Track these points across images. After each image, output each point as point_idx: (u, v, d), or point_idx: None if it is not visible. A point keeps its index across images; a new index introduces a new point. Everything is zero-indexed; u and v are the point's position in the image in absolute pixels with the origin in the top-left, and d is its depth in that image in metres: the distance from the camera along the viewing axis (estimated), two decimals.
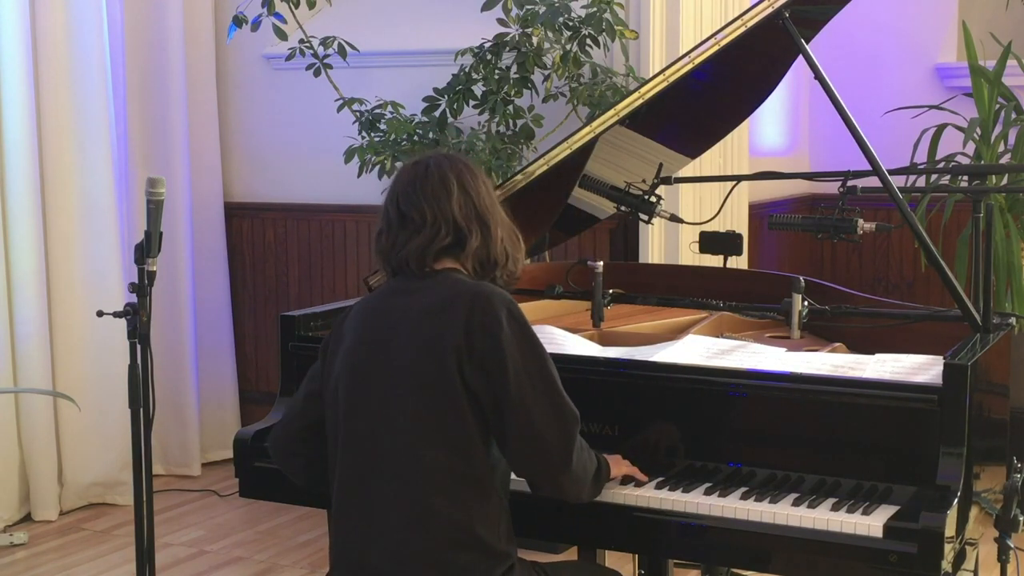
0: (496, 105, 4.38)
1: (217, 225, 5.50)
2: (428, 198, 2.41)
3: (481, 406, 2.32)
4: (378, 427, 2.36)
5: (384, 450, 2.35)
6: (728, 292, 3.24)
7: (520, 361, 2.31)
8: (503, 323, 2.31)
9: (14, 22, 4.60)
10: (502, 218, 2.48)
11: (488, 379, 2.30)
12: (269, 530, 4.68)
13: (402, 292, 2.43)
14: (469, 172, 2.46)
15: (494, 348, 2.30)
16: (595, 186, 3.27)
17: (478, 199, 2.43)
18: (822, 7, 3.00)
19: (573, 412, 2.36)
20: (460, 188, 2.42)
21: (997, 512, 2.46)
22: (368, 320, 2.45)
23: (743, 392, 2.57)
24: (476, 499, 2.32)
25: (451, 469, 2.31)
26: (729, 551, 2.48)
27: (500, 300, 2.35)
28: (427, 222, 2.40)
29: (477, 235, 2.42)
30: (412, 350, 2.35)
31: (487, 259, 2.44)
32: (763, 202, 5.34)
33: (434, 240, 2.40)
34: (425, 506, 2.30)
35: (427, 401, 2.32)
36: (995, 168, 4.29)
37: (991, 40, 5.26)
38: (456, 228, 2.41)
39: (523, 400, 2.30)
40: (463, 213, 2.41)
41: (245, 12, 4.57)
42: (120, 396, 3.35)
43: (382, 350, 2.39)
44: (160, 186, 2.81)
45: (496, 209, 2.47)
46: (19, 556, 4.45)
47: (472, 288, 2.37)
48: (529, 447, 2.32)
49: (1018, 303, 4.71)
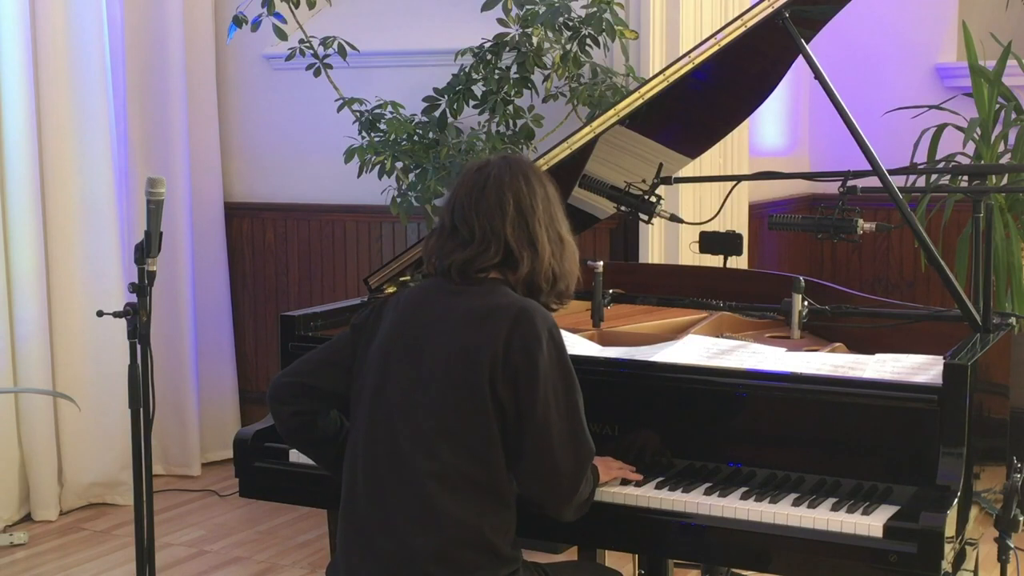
0: (496, 105, 4.38)
1: (217, 225, 5.50)
2: (482, 215, 2.41)
3: (506, 419, 2.33)
4: (399, 422, 2.37)
5: (402, 446, 2.35)
6: (728, 292, 3.24)
7: (551, 384, 2.32)
8: (543, 343, 2.32)
9: (14, 22, 4.60)
10: (556, 235, 2.46)
11: (517, 394, 2.31)
12: (269, 530, 4.68)
13: (447, 292, 2.44)
14: (529, 186, 2.44)
15: (530, 365, 2.31)
16: (595, 186, 3.27)
17: (533, 219, 2.42)
18: (822, 7, 3.00)
19: (590, 446, 2.38)
20: (516, 208, 2.42)
21: (997, 512, 2.46)
22: (408, 313, 2.45)
23: (743, 392, 2.57)
24: (490, 506, 2.33)
25: (468, 474, 2.31)
26: (729, 551, 2.48)
27: (543, 320, 2.36)
28: (476, 238, 2.41)
29: (527, 261, 2.41)
30: (448, 352, 2.35)
31: (532, 284, 2.44)
32: (763, 202, 5.34)
33: (481, 256, 2.41)
34: (438, 506, 2.30)
35: (454, 405, 2.33)
36: (995, 168, 4.28)
37: (991, 40, 5.26)
38: (507, 250, 2.41)
39: (547, 421, 2.31)
40: (515, 236, 2.41)
41: (245, 12, 4.57)
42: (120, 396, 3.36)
43: (416, 347, 2.39)
44: (160, 186, 2.81)
45: (553, 226, 2.46)
46: (19, 556, 4.44)
47: (518, 302, 2.37)
48: (541, 469, 2.34)
49: (1018, 303, 4.71)
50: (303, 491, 2.85)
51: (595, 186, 3.26)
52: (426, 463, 2.32)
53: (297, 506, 4.31)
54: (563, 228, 2.49)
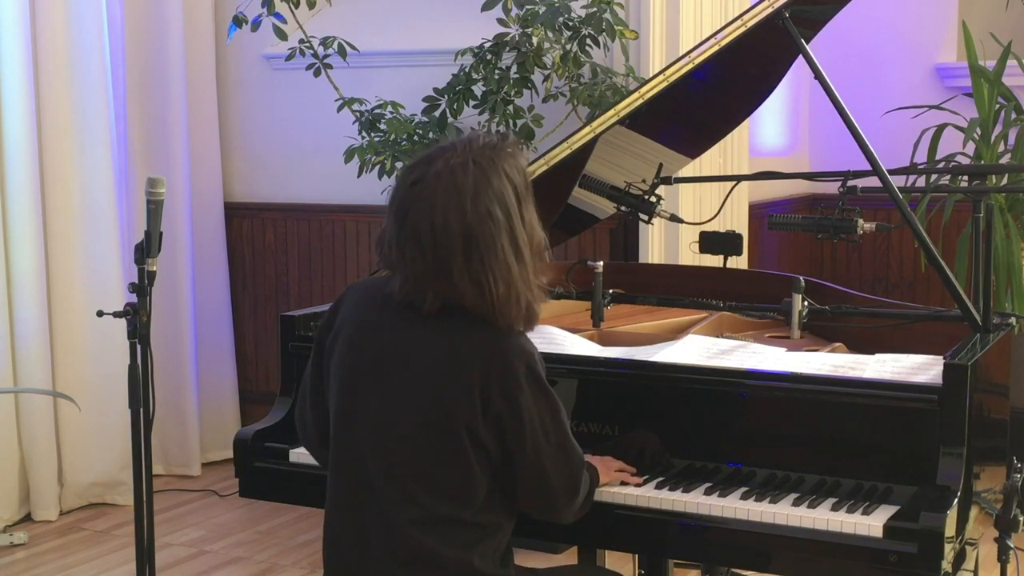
0: (496, 105, 4.38)
1: (217, 225, 5.50)
2: (438, 245, 2.19)
3: (490, 458, 2.26)
4: (372, 466, 2.27)
5: (378, 491, 2.26)
6: (728, 292, 3.24)
7: (538, 419, 2.25)
8: (523, 384, 2.22)
9: (14, 22, 4.60)
10: (513, 256, 2.21)
11: (503, 437, 2.24)
12: (269, 530, 4.68)
13: (407, 320, 2.26)
14: (490, 186, 2.20)
15: (512, 409, 2.22)
16: (595, 186, 3.26)
17: (490, 256, 2.18)
18: (822, 7, 3.00)
19: (579, 454, 2.36)
20: (466, 239, 2.18)
21: (997, 512, 2.46)
22: (368, 339, 2.31)
23: (743, 392, 2.57)
24: (479, 537, 2.28)
25: (450, 515, 2.24)
26: (729, 551, 2.48)
27: (519, 357, 2.22)
28: (427, 265, 2.20)
29: (497, 287, 2.19)
30: (419, 397, 2.24)
31: (493, 312, 2.21)
32: (763, 202, 5.34)
33: (432, 286, 2.21)
34: (421, 547, 2.23)
35: (429, 453, 2.24)
36: (995, 168, 4.28)
37: (991, 40, 5.25)
38: (454, 289, 2.20)
39: (538, 455, 2.27)
40: (464, 271, 2.18)
41: (245, 12, 4.57)
42: (120, 396, 3.36)
43: (382, 385, 2.27)
44: (160, 186, 2.81)
45: (513, 245, 2.21)
46: (19, 556, 4.44)
47: (487, 343, 2.22)
48: (538, 492, 2.32)
49: (1018, 303, 4.71)
50: (303, 491, 2.85)
51: (595, 186, 3.26)
52: (406, 509, 2.23)
53: (297, 506, 4.31)
54: (521, 240, 2.22)
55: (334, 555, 2.37)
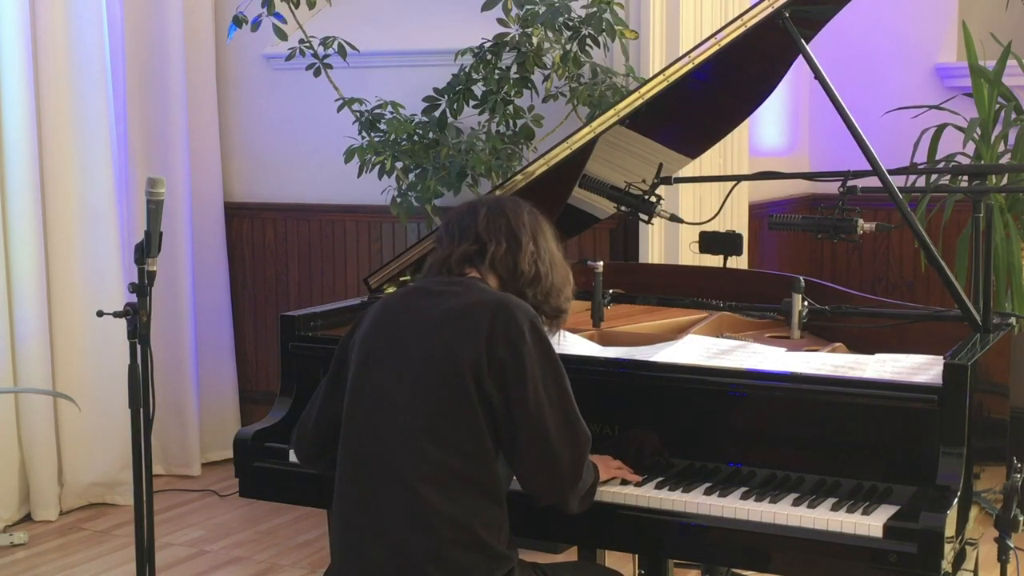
0: (496, 105, 4.38)
1: (217, 225, 5.50)
2: (464, 219, 2.53)
3: (495, 416, 2.32)
4: (381, 424, 2.36)
5: (387, 449, 2.35)
6: (728, 292, 3.24)
7: (540, 375, 2.32)
8: (526, 335, 2.32)
9: (14, 22, 4.60)
10: (544, 247, 2.54)
11: (506, 390, 2.31)
12: (269, 530, 4.68)
13: (425, 294, 2.45)
14: (517, 206, 2.55)
15: (516, 359, 2.31)
16: (595, 186, 3.27)
17: (515, 218, 2.52)
18: (822, 7, 3.00)
19: (587, 433, 2.38)
20: (495, 210, 2.53)
21: (997, 512, 2.46)
22: (386, 316, 2.46)
23: (743, 392, 2.57)
24: (482, 504, 2.32)
25: (457, 470, 2.30)
26: (729, 551, 2.48)
27: (523, 313, 2.36)
28: (454, 237, 2.51)
29: (501, 245, 2.47)
30: (427, 353, 2.35)
31: (512, 279, 2.48)
32: (763, 202, 5.34)
33: (456, 248, 2.48)
34: (428, 505, 2.29)
35: (436, 403, 2.32)
36: (995, 168, 4.28)
37: (991, 40, 5.25)
38: (478, 239, 2.48)
39: (540, 413, 2.31)
40: (488, 227, 2.49)
41: (245, 12, 4.57)
42: (120, 396, 3.36)
43: (395, 348, 2.39)
44: (160, 186, 2.81)
45: (539, 240, 2.53)
46: (19, 556, 4.45)
47: (496, 297, 2.39)
48: (541, 461, 2.34)
49: (1018, 303, 4.71)
50: (303, 491, 2.85)
51: (595, 186, 3.26)
52: (414, 464, 2.31)
53: (297, 506, 4.31)
54: (552, 248, 2.56)
55: (339, 532, 2.42)
